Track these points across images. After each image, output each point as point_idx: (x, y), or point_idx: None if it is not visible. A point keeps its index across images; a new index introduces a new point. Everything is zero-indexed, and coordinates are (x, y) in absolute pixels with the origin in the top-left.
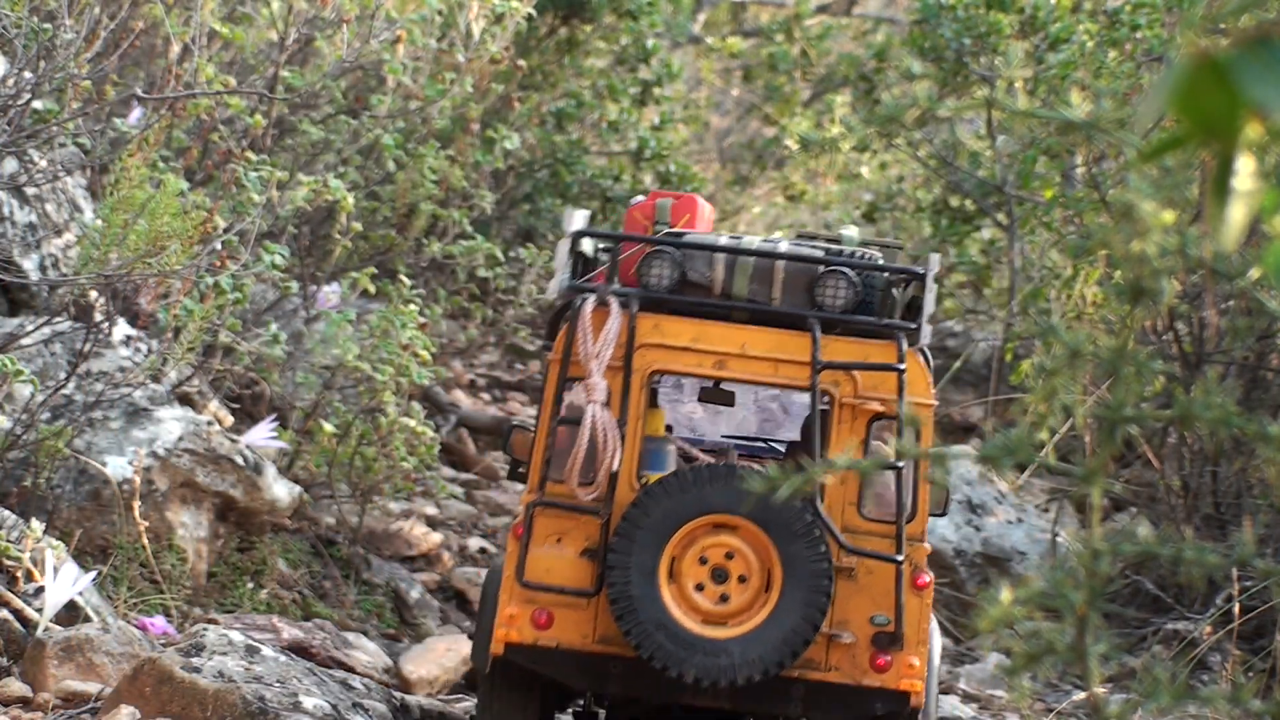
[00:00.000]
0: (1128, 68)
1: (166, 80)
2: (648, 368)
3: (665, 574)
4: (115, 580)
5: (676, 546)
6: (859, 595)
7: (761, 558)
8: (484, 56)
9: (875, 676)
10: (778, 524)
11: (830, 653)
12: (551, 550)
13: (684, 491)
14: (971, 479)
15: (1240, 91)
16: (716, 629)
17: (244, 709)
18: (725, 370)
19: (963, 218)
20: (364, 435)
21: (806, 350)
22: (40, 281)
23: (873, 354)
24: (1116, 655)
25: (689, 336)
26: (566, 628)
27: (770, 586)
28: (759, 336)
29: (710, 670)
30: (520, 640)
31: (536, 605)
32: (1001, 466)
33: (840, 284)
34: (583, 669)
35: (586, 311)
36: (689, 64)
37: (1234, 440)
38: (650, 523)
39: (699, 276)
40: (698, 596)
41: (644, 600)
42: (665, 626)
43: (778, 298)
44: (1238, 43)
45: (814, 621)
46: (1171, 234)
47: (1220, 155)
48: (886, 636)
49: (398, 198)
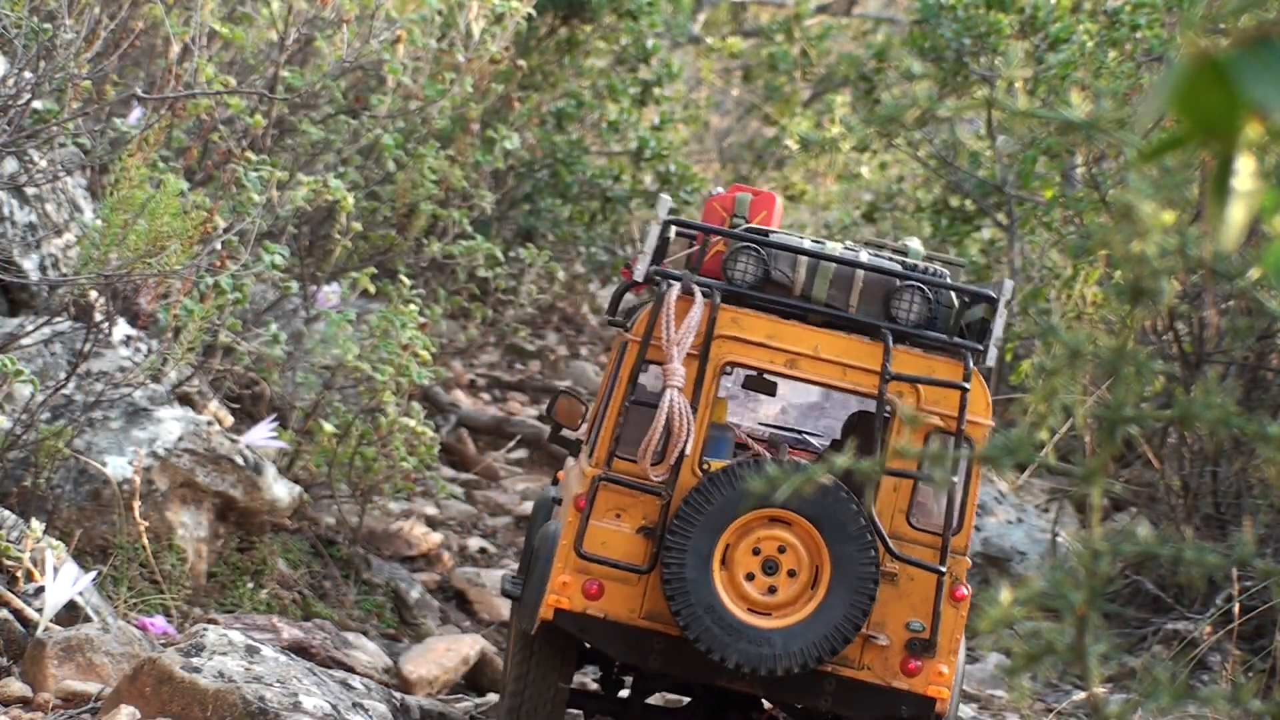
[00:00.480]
0: (1128, 68)
1: (166, 80)
2: (722, 359)
3: (719, 561)
4: (115, 580)
5: (732, 535)
6: (898, 600)
7: (812, 554)
8: (484, 56)
9: (905, 680)
10: (831, 523)
11: (865, 652)
12: (610, 524)
13: (744, 482)
14: None
15: (1240, 91)
16: (762, 619)
17: (244, 709)
18: (796, 369)
19: (963, 218)
20: (364, 435)
21: (877, 359)
22: (40, 281)
23: (939, 370)
24: (1116, 655)
25: (765, 333)
26: (615, 600)
27: (818, 583)
28: (832, 340)
29: (752, 658)
30: (570, 608)
31: (589, 576)
32: (1001, 466)
33: (916, 299)
34: (626, 642)
35: (671, 299)
36: (689, 64)
37: (1234, 440)
38: (710, 510)
39: (781, 276)
40: (747, 585)
41: (696, 584)
42: (714, 611)
43: (854, 305)
44: (1238, 43)
45: (856, 621)
46: (1171, 234)
47: (1220, 155)
48: (921, 643)
49: (398, 198)
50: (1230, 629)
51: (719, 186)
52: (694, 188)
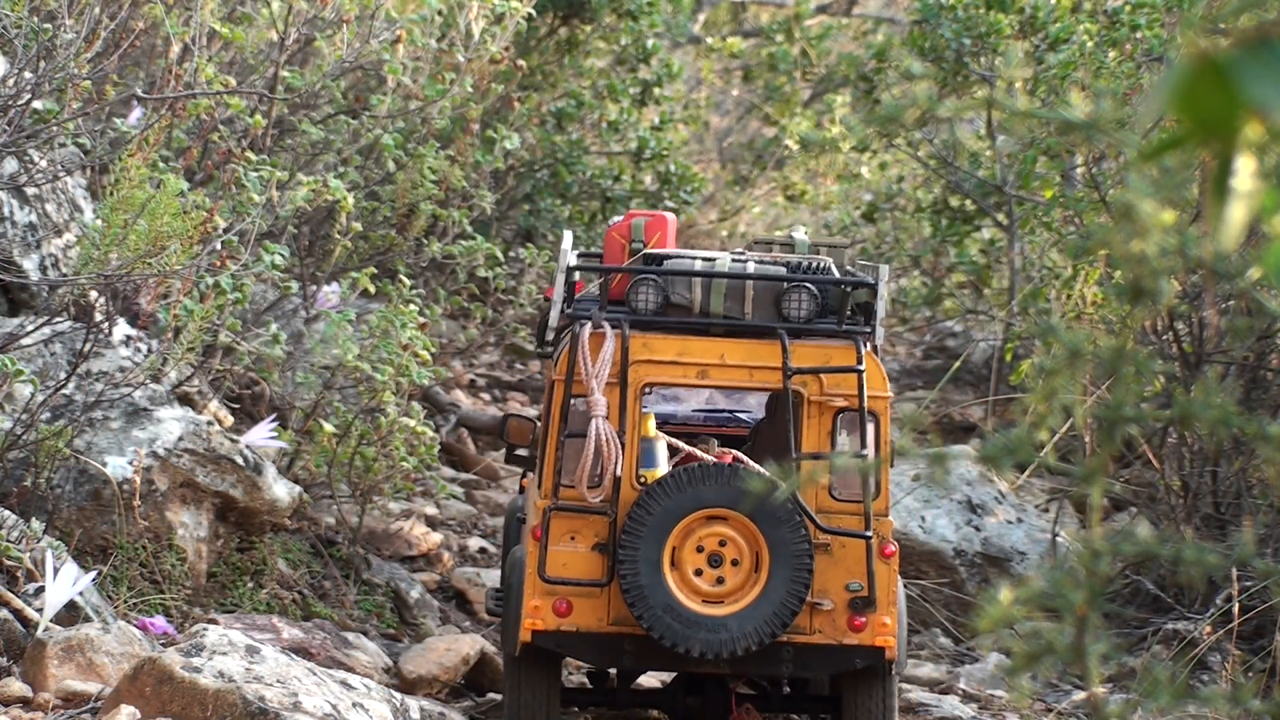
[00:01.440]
0: (1128, 68)
1: (166, 80)
2: (640, 381)
3: (668, 563)
4: (115, 580)
5: (676, 538)
6: (835, 567)
7: (750, 543)
8: (484, 56)
9: (854, 636)
10: (763, 513)
11: (813, 618)
12: (567, 548)
13: (680, 490)
14: (971, 479)
15: (1240, 91)
16: (715, 608)
17: (244, 709)
18: (708, 379)
19: (963, 218)
20: (364, 435)
21: (778, 357)
22: (40, 281)
23: (835, 356)
24: (1116, 655)
25: (674, 351)
26: (584, 614)
27: (759, 567)
28: (735, 347)
29: (712, 644)
30: (545, 628)
31: (557, 596)
32: (1001, 466)
33: (803, 297)
34: (599, 648)
35: (585, 336)
36: (689, 64)
37: (1234, 440)
38: (653, 519)
39: (680, 298)
40: (697, 580)
41: (651, 587)
42: (671, 609)
43: (749, 312)
44: (1238, 43)
45: (799, 595)
46: (1171, 234)
47: (1220, 155)
48: (861, 601)
49: (398, 198)
50: (1230, 629)
51: (617, 216)
52: (694, 188)
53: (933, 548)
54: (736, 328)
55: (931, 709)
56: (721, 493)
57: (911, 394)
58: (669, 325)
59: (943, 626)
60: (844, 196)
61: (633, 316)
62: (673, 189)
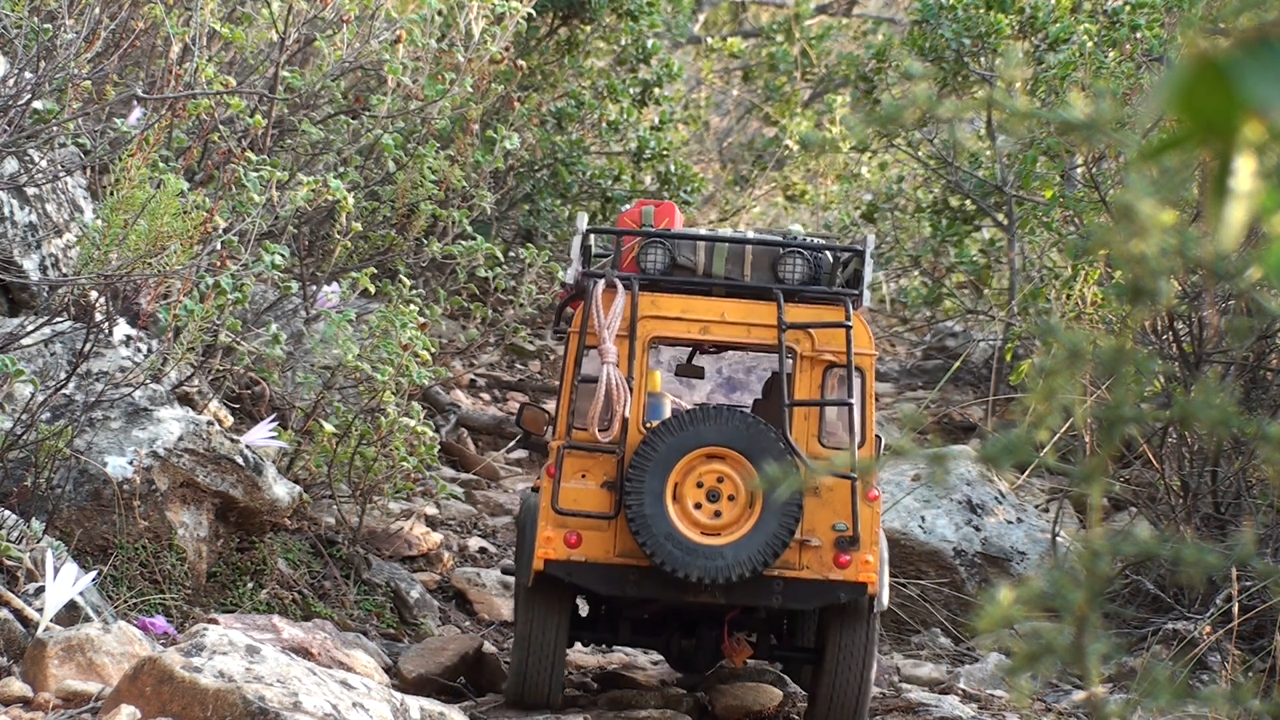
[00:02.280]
0: (1128, 68)
1: (166, 80)
2: (648, 335)
3: (670, 497)
4: (115, 580)
5: (678, 474)
6: (823, 508)
7: (746, 480)
8: (484, 56)
9: (839, 572)
10: (758, 453)
11: (802, 554)
12: (578, 484)
13: (683, 430)
14: (971, 479)
15: (1240, 91)
16: (713, 538)
17: (244, 709)
18: (709, 334)
19: (963, 218)
20: (364, 435)
21: (773, 316)
22: (40, 281)
23: (825, 316)
24: (1116, 655)
25: (679, 309)
26: (592, 545)
27: (754, 503)
28: (735, 306)
29: (709, 571)
30: (556, 557)
31: (568, 528)
32: (1001, 466)
33: (797, 261)
34: (606, 578)
35: (598, 292)
36: (689, 64)
37: (1234, 440)
38: (657, 456)
39: (685, 261)
40: (696, 513)
41: (655, 518)
42: (672, 537)
43: (748, 275)
44: (1238, 43)
45: (790, 529)
46: (1171, 234)
47: (1220, 155)
48: (846, 540)
49: (398, 198)
50: (1230, 629)
51: (628, 204)
52: (694, 187)
53: (933, 548)
54: (736, 288)
55: (931, 709)
56: (720, 433)
57: (911, 394)
58: (674, 285)
59: (943, 626)
60: (844, 196)
61: (642, 277)
62: (673, 189)
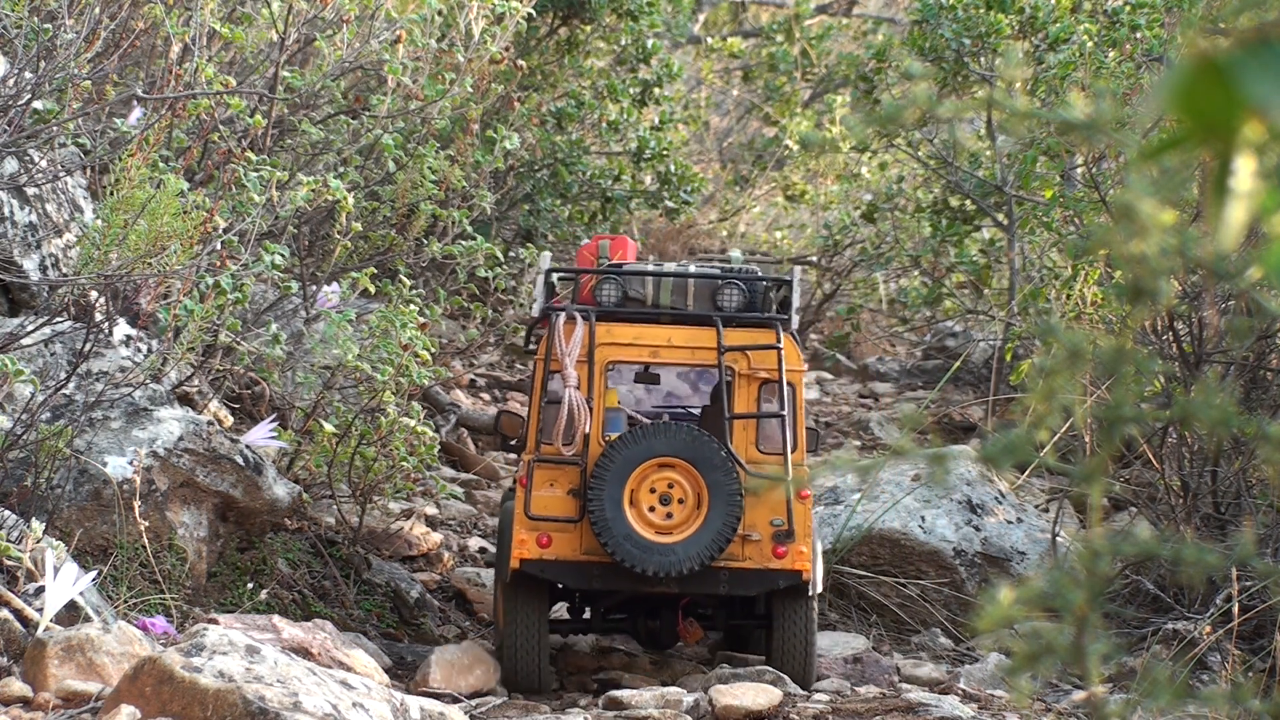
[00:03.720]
0: (1128, 68)
1: (166, 80)
2: (605, 360)
3: (627, 501)
4: (115, 580)
5: (634, 482)
6: (761, 507)
7: (693, 486)
8: (484, 56)
9: (777, 562)
10: (703, 461)
11: (744, 548)
12: (547, 492)
13: (637, 443)
14: (971, 479)
15: (1240, 91)
16: (665, 537)
17: (244, 709)
18: (659, 357)
19: (963, 218)
20: (364, 435)
21: (714, 339)
22: (40, 281)
23: (759, 339)
24: (1116, 655)
25: (632, 336)
26: (561, 545)
27: (700, 505)
28: (680, 332)
29: (664, 565)
30: (529, 557)
31: (539, 531)
32: (1001, 466)
33: (733, 292)
34: (574, 573)
35: (560, 324)
36: (689, 64)
37: (1234, 440)
38: (615, 467)
39: (636, 294)
40: (651, 515)
41: (615, 521)
42: (630, 538)
43: (691, 305)
44: (1238, 43)
45: (733, 527)
46: (1171, 234)
47: (1220, 155)
48: (783, 534)
49: (398, 198)
50: (1230, 629)
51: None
52: (694, 188)
53: (933, 548)
54: (680, 316)
55: (931, 709)
56: (669, 445)
57: (911, 394)
58: (627, 315)
59: (943, 626)
60: (844, 196)
61: (598, 309)
62: (673, 189)
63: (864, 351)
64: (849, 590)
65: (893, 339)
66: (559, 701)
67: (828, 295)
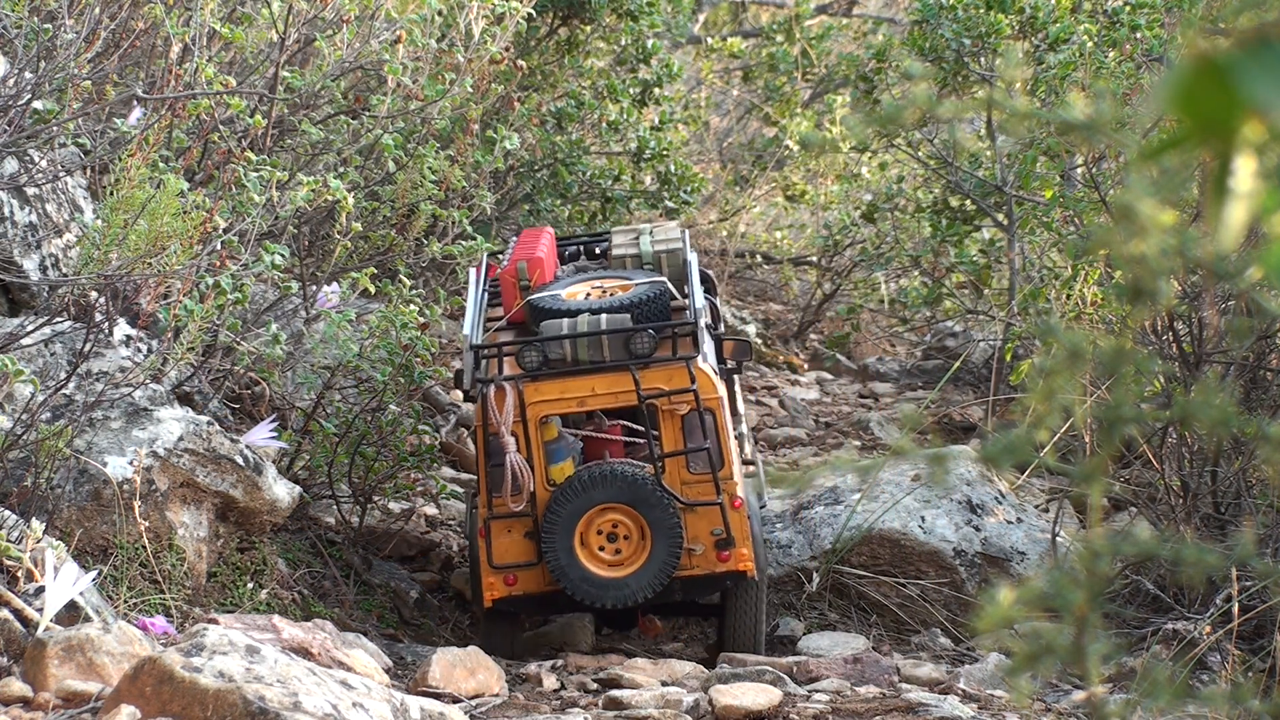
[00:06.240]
0: (1128, 68)
1: (166, 80)
2: (537, 416)
3: (578, 544)
4: (115, 580)
5: (582, 526)
6: (701, 520)
7: (636, 524)
8: (484, 57)
9: (722, 566)
10: (641, 501)
11: (692, 559)
12: (506, 539)
13: (579, 494)
14: (971, 479)
15: (1240, 91)
16: (616, 571)
17: (244, 709)
18: (586, 405)
19: (963, 218)
20: (364, 435)
21: (632, 384)
22: (40, 281)
23: (674, 376)
24: (1116, 655)
25: (558, 391)
26: (526, 582)
27: (645, 538)
28: (601, 381)
29: (619, 598)
30: (500, 595)
31: (505, 573)
32: (1001, 466)
33: (645, 339)
34: (540, 604)
35: (491, 394)
36: (689, 64)
37: (1234, 440)
38: (564, 515)
39: (556, 354)
40: (601, 554)
41: (569, 566)
42: (586, 578)
43: (608, 355)
44: (1238, 43)
45: (676, 555)
46: (1171, 234)
47: (1220, 155)
48: (723, 541)
49: (398, 198)
50: (1230, 629)
51: (503, 258)
52: (694, 188)
53: (933, 548)
54: (600, 367)
55: (931, 709)
56: (607, 492)
57: (911, 394)
58: (550, 374)
59: (943, 626)
60: (844, 196)
61: (522, 375)
62: (673, 189)
63: (864, 351)
64: (849, 590)
65: (893, 339)
66: (559, 701)
67: (828, 295)
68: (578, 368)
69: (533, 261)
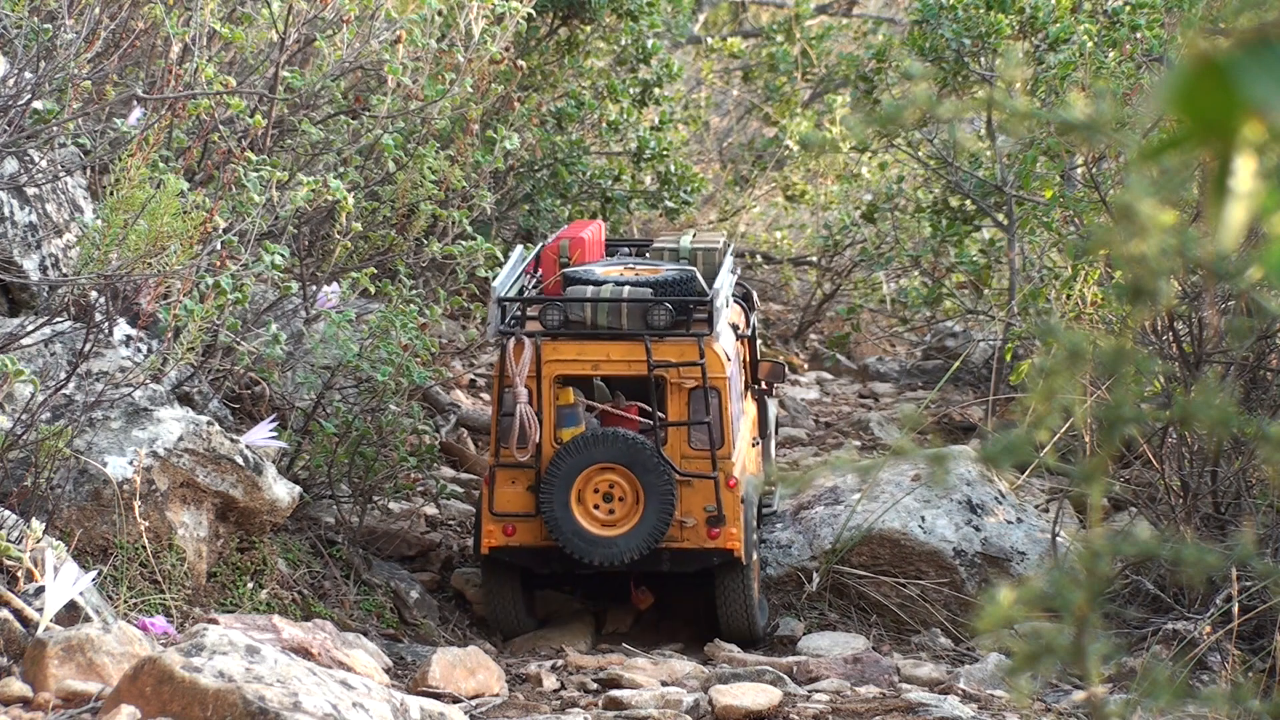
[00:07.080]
0: (1128, 68)
1: (166, 80)
2: (552, 374)
3: (575, 500)
4: (115, 580)
5: (580, 483)
6: (695, 495)
7: (631, 486)
8: (484, 57)
9: (711, 542)
10: (639, 465)
11: (683, 532)
12: (509, 489)
13: (580, 452)
14: (971, 479)
15: (1240, 91)
16: (609, 530)
17: (244, 709)
18: (599, 370)
19: (963, 218)
20: (364, 435)
21: (645, 354)
22: (40, 281)
23: (686, 351)
24: (1116, 655)
25: (574, 353)
26: (524, 534)
27: (639, 502)
28: (617, 348)
29: (608, 556)
30: (497, 544)
31: (504, 523)
32: (1001, 466)
33: (661, 311)
34: (535, 557)
35: (510, 346)
36: (689, 64)
37: (1234, 440)
38: (564, 470)
39: (577, 316)
40: (596, 512)
41: (564, 519)
42: (578, 533)
43: (625, 324)
44: (1238, 43)
45: (666, 520)
46: (1171, 234)
47: (1220, 155)
48: (715, 518)
49: (398, 198)
50: (1230, 629)
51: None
52: (694, 188)
53: (933, 548)
54: (616, 334)
55: (931, 709)
56: (608, 452)
57: (911, 394)
58: (570, 334)
59: (943, 626)
60: (844, 196)
61: (543, 332)
62: (673, 189)
63: (864, 351)
64: (849, 590)
65: (893, 339)
66: (559, 701)
67: (828, 295)
68: (595, 332)
69: (575, 241)
